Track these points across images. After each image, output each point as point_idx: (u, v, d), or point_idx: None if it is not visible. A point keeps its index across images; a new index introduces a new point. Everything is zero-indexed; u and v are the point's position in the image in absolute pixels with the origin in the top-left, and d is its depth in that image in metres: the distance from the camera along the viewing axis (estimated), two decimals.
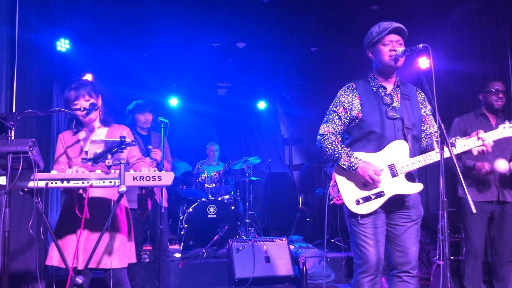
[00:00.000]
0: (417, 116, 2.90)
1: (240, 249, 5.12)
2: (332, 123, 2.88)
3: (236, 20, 6.03)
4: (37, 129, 4.43)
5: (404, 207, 2.81)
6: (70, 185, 2.47)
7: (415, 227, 2.83)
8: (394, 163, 2.75)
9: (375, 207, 2.74)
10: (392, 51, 2.76)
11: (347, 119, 2.86)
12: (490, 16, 5.31)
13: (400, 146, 2.77)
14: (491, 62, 5.24)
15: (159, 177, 2.51)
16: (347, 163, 2.75)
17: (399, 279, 2.82)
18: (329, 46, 6.78)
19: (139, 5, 5.52)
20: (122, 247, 2.84)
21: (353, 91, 2.89)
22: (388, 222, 2.84)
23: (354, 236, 2.82)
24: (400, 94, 2.89)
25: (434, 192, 6.06)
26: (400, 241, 2.81)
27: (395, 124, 2.80)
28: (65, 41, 5.44)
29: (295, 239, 6.41)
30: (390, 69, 2.84)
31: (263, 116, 9.07)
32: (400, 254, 2.81)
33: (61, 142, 2.94)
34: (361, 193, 2.77)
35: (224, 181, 6.58)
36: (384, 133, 2.78)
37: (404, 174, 2.75)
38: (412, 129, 2.83)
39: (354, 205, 2.76)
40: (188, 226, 5.99)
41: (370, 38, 2.87)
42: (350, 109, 2.85)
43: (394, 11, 5.39)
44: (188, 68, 7.61)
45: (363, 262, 2.77)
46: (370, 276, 2.76)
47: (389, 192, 2.74)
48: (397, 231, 2.82)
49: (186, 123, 8.28)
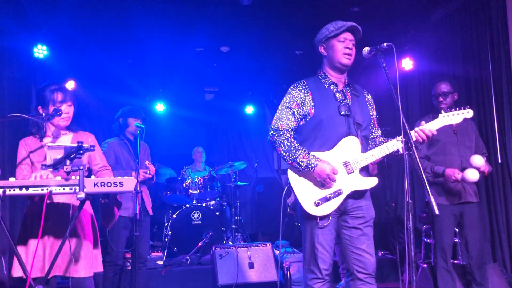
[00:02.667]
0: (367, 116, 2.90)
1: (223, 255, 5.04)
2: (286, 119, 2.79)
3: (218, 25, 5.99)
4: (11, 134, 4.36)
5: (358, 207, 2.76)
6: (29, 192, 2.40)
7: (370, 228, 2.78)
8: (348, 160, 2.72)
9: (334, 207, 2.68)
10: (347, 48, 2.76)
11: (300, 115, 2.80)
12: (471, 16, 5.31)
13: (352, 142, 2.75)
14: (472, 63, 5.24)
15: (120, 183, 2.44)
16: (305, 160, 2.65)
17: (361, 281, 2.73)
18: (313, 49, 6.69)
19: (122, 11, 5.47)
20: (88, 255, 2.77)
21: (305, 87, 2.84)
22: (343, 225, 2.78)
23: (310, 240, 2.72)
24: (350, 93, 2.88)
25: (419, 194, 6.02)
26: (357, 244, 2.73)
27: (347, 121, 2.77)
28: (42, 47, 5.38)
29: (281, 244, 6.33)
30: (342, 66, 2.83)
31: (251, 121, 9.02)
32: (358, 257, 2.73)
33: (23, 147, 2.86)
34: (319, 194, 2.68)
35: (209, 186, 6.50)
36: (336, 129, 2.74)
37: (358, 170, 2.72)
38: (362, 126, 2.81)
39: (312, 207, 2.66)
40: (172, 232, 5.91)
41: (326, 33, 2.84)
42: (303, 105, 2.79)
43: (375, 12, 5.35)
44: (174, 73, 7.56)
45: (316, 268, 2.70)
46: (322, 282, 2.70)
47: (347, 190, 2.69)
48: (354, 233, 2.75)
49: (173, 129, 8.25)
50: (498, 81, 4.89)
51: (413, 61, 6.18)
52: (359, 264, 2.72)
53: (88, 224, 2.84)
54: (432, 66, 5.83)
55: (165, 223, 6.34)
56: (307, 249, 2.74)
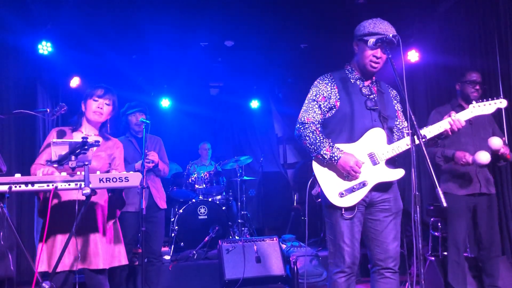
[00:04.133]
0: (392, 110, 2.89)
1: (230, 250, 5.04)
2: (312, 112, 2.82)
3: (222, 18, 5.96)
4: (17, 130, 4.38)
5: (384, 200, 2.74)
6: (35, 188, 2.40)
7: (395, 221, 2.76)
8: (373, 152, 2.72)
9: (359, 198, 2.67)
10: (375, 57, 2.73)
11: (327, 107, 2.81)
12: (477, 6, 5.23)
13: (378, 133, 2.74)
14: (478, 54, 5.16)
15: (126, 178, 2.44)
16: (329, 153, 2.67)
17: (381, 275, 2.75)
18: (318, 42, 6.71)
19: (126, 6, 5.47)
20: (103, 249, 2.79)
21: (331, 80, 2.85)
22: (368, 217, 2.77)
23: (334, 233, 2.73)
24: (377, 88, 2.88)
25: (427, 186, 5.99)
26: (380, 236, 2.73)
27: (372, 115, 2.77)
28: (47, 44, 5.39)
29: (288, 238, 6.34)
30: (367, 72, 2.84)
31: (256, 115, 9.01)
32: (380, 250, 2.73)
33: (51, 135, 2.93)
34: (344, 185, 2.69)
35: (215, 181, 6.50)
36: (362, 122, 2.74)
37: (384, 162, 2.71)
38: (388, 120, 2.80)
39: (337, 198, 2.67)
40: (179, 227, 5.92)
41: (361, 31, 2.78)
42: (329, 98, 2.80)
43: (380, 4, 5.31)
44: (179, 69, 7.56)
45: (339, 261, 2.70)
46: (346, 275, 2.69)
47: (372, 181, 2.68)
48: (377, 226, 2.74)
49: (178, 124, 8.24)
50: (505, 72, 4.82)
51: (419, 53, 6.13)
52: (381, 257, 2.73)
53: (104, 218, 2.85)
54: (438, 58, 5.77)
55: (172, 218, 6.35)
56: (332, 241, 2.75)
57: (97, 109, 2.97)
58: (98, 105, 2.97)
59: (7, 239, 2.44)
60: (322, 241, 6.35)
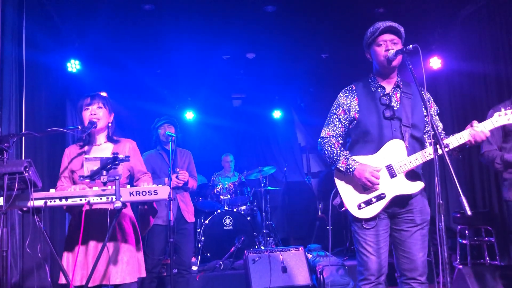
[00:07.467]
0: (419, 116, 2.81)
1: (256, 260, 5.07)
2: (333, 125, 2.88)
3: (243, 32, 6.08)
4: (49, 146, 4.53)
5: (407, 211, 2.74)
6: (68, 202, 2.51)
7: (421, 232, 2.74)
8: (391, 164, 2.70)
9: (377, 211, 2.69)
10: (387, 51, 2.71)
11: (347, 120, 2.85)
12: (499, 12, 5.18)
13: (396, 145, 2.71)
14: (502, 61, 5.09)
15: (155, 191, 2.53)
16: (344, 165, 2.72)
17: (408, 286, 2.75)
18: (339, 51, 6.76)
19: (150, 22, 5.63)
20: (131, 260, 2.85)
21: (352, 93, 2.87)
22: (393, 227, 2.78)
23: (357, 242, 2.78)
24: (400, 94, 2.83)
25: (453, 194, 5.91)
26: (405, 247, 2.73)
27: (392, 124, 2.75)
28: (75, 62, 5.58)
29: (313, 248, 6.32)
30: (386, 70, 2.80)
31: (279, 125, 9.07)
32: (406, 260, 2.73)
33: (66, 156, 3.02)
34: (362, 197, 2.71)
35: (240, 191, 6.57)
36: (380, 133, 2.74)
37: (403, 174, 2.68)
38: (411, 128, 2.75)
39: (356, 209, 2.71)
40: (205, 238, 6.00)
41: (366, 39, 2.85)
42: (349, 111, 2.84)
43: (400, 13, 5.32)
44: (202, 82, 7.70)
45: (364, 269, 2.73)
46: (371, 284, 2.71)
47: (390, 194, 2.68)
48: (402, 236, 2.74)
49: (202, 136, 8.36)
50: None
51: (441, 60, 6.08)
52: (407, 267, 2.73)
53: (130, 228, 2.93)
54: (461, 64, 5.72)
55: (198, 229, 6.43)
56: (357, 250, 2.80)
57: (91, 116, 2.99)
58: (90, 112, 2.99)
59: (43, 251, 2.53)
60: (347, 250, 6.33)
